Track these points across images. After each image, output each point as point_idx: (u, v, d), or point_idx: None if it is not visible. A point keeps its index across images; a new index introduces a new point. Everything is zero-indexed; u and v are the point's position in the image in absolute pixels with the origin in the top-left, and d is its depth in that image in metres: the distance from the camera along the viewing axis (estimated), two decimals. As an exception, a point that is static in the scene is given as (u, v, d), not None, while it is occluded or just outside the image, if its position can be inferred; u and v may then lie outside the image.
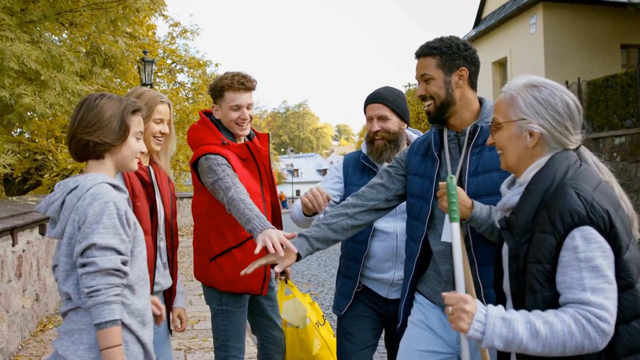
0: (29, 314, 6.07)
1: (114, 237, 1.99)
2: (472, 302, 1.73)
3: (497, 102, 2.02)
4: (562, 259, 1.73)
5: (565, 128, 1.89)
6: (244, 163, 3.20)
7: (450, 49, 2.52)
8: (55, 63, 7.08)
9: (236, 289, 3.17)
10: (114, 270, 1.97)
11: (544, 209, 1.79)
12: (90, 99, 2.16)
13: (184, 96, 18.36)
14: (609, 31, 17.40)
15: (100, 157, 2.17)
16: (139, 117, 2.24)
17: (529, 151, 1.93)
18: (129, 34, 12.37)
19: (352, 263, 3.11)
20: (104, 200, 2.01)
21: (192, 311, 7.23)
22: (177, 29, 18.41)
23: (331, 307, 7.01)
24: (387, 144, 3.06)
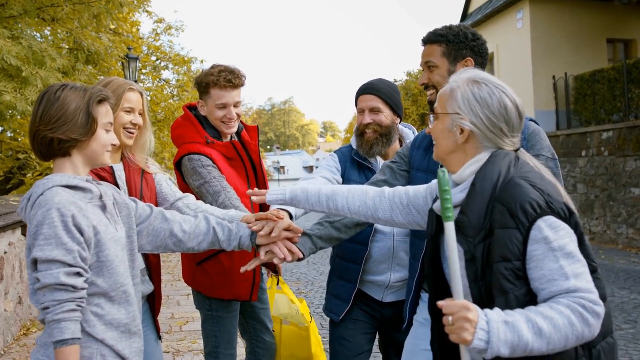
0: (11, 318, 5.90)
1: (56, 247, 1.79)
2: (473, 309, 1.60)
3: (440, 92, 1.97)
4: (534, 253, 1.67)
5: (500, 130, 1.84)
6: (229, 162, 3.05)
7: (457, 38, 2.43)
8: (37, 59, 6.90)
9: (223, 295, 3.04)
10: (57, 285, 1.78)
11: (497, 204, 1.72)
12: (51, 91, 1.96)
13: (169, 93, 18.13)
14: (595, 26, 17.43)
15: (67, 154, 1.98)
16: (107, 106, 2.05)
17: (459, 147, 1.89)
18: (112, 30, 12.18)
19: (350, 265, 2.95)
20: (46, 208, 1.83)
21: (180, 312, 7.09)
22: (161, 25, 18.16)
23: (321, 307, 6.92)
24: (379, 137, 2.91)
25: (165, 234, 2.28)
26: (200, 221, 2.36)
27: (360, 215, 2.29)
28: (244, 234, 2.37)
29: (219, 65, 3.06)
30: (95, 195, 1.99)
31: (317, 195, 2.33)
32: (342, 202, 2.29)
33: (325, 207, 2.33)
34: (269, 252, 2.39)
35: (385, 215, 2.24)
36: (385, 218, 2.24)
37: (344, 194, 2.30)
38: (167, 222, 2.29)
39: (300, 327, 3.35)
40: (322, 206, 2.33)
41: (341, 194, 2.30)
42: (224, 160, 3.01)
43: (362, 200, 2.26)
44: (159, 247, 2.30)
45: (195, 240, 2.32)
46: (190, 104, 3.20)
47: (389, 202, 2.23)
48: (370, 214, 2.26)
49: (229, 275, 2.99)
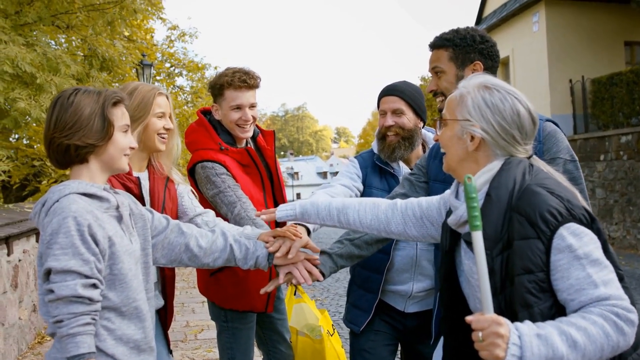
0: (26, 326, 5.86)
1: (73, 258, 1.72)
2: (505, 323, 1.50)
3: (449, 98, 1.88)
4: (558, 263, 1.60)
5: (512, 137, 1.77)
6: (244, 169, 2.96)
7: (464, 41, 2.35)
8: (51, 66, 6.90)
9: (238, 306, 2.96)
10: (74, 297, 1.70)
11: (515, 214, 1.64)
12: (64, 97, 1.88)
13: (183, 100, 18.15)
14: (612, 28, 17.21)
15: (84, 160, 1.90)
16: (122, 108, 1.97)
17: (470, 155, 1.81)
18: (127, 37, 12.21)
19: (371, 274, 2.83)
20: (62, 216, 1.74)
21: (195, 320, 7.02)
22: (175, 32, 18.19)
23: (337, 315, 6.80)
24: (401, 140, 2.80)
25: (181, 248, 2.20)
26: (218, 237, 2.28)
27: (373, 229, 2.21)
28: (261, 253, 2.29)
29: (233, 67, 2.99)
30: (112, 205, 1.92)
31: (328, 209, 2.26)
32: (354, 215, 2.22)
33: (337, 221, 2.26)
34: (288, 273, 2.33)
35: (398, 229, 2.16)
36: (399, 231, 2.17)
37: (355, 208, 2.22)
38: (184, 235, 2.21)
39: (315, 340, 3.25)
40: (333, 220, 2.26)
41: (352, 207, 2.23)
42: (238, 168, 2.93)
43: (374, 213, 2.19)
44: (173, 261, 2.22)
45: (210, 257, 2.25)
46: (204, 109, 3.12)
47: (401, 214, 2.15)
48: (383, 228, 2.19)
49: (244, 286, 2.91)
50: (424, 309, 2.81)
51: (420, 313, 2.83)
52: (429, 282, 2.77)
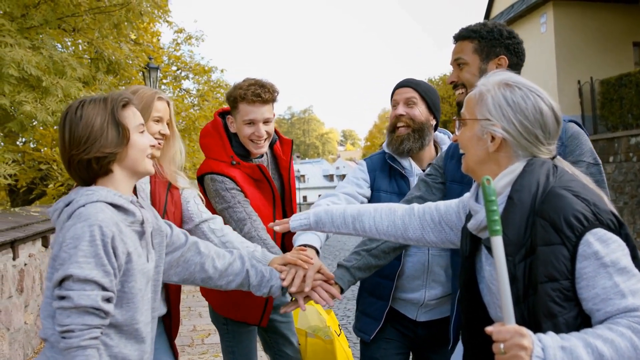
0: (31, 330, 5.82)
1: (96, 268, 1.66)
2: (528, 335, 1.43)
3: (468, 97, 1.80)
4: (584, 270, 1.51)
5: (535, 137, 1.68)
6: (255, 183, 2.88)
7: (491, 34, 2.28)
8: (57, 69, 6.87)
9: (232, 316, 2.93)
10: (92, 308, 1.64)
11: (538, 218, 1.56)
12: (72, 112, 1.83)
13: (189, 103, 18.14)
14: (621, 29, 17.09)
15: (109, 171, 1.84)
16: (132, 109, 1.91)
17: (491, 156, 1.73)
18: (133, 40, 12.20)
19: (382, 280, 2.74)
20: (88, 223, 1.68)
21: (201, 324, 6.97)
22: (181, 35, 18.18)
23: (344, 320, 6.73)
24: (410, 133, 2.71)
25: (196, 268, 2.15)
26: (235, 260, 2.23)
27: (390, 236, 2.14)
28: (275, 284, 2.26)
29: (250, 78, 2.87)
30: (137, 220, 1.86)
31: (343, 217, 2.19)
32: (369, 222, 2.15)
33: (352, 229, 2.19)
34: (306, 297, 2.32)
35: (416, 235, 2.08)
36: (416, 237, 2.09)
37: (370, 214, 2.15)
38: (200, 255, 2.16)
39: (326, 341, 3.21)
40: (349, 228, 2.20)
41: (368, 214, 2.16)
42: (249, 182, 2.86)
43: (390, 220, 2.11)
44: (186, 280, 2.17)
45: (225, 279, 2.20)
46: (222, 110, 3.02)
47: (419, 220, 2.07)
48: (400, 234, 2.11)
49: (238, 299, 2.85)
50: (436, 318, 2.73)
51: (432, 322, 2.75)
52: (441, 289, 2.69)
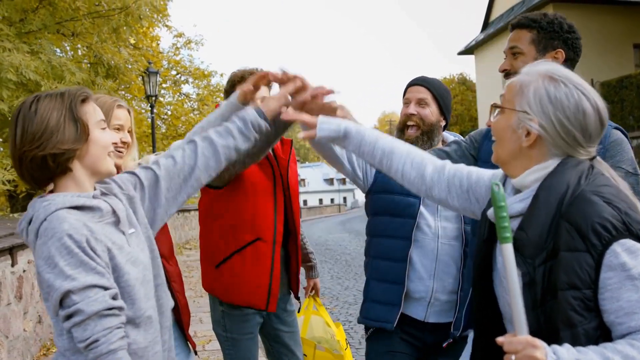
0: (31, 338, 5.76)
1: (88, 273, 1.57)
2: (541, 346, 1.37)
3: (509, 82, 1.68)
4: (608, 282, 1.42)
5: (573, 138, 1.56)
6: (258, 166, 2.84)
7: (551, 26, 2.21)
8: (56, 74, 6.87)
9: (236, 300, 2.84)
10: (106, 310, 1.57)
11: (563, 221, 1.47)
12: (25, 107, 1.70)
13: (189, 107, 18.15)
14: (621, 31, 17.09)
15: (67, 169, 1.70)
16: (92, 104, 1.79)
17: (523, 151, 1.62)
18: (132, 45, 12.18)
19: (393, 264, 2.61)
20: (57, 237, 1.59)
21: (202, 330, 6.91)
22: (181, 39, 18.22)
23: (347, 324, 6.65)
24: (419, 136, 2.65)
25: (189, 173, 1.94)
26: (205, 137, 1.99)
27: (413, 187, 1.98)
28: (249, 117, 2.02)
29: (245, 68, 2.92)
30: (105, 212, 1.76)
31: (373, 146, 2.00)
32: (398, 165, 1.97)
33: (377, 162, 2.02)
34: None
35: (440, 196, 1.93)
36: (440, 198, 1.94)
37: (401, 158, 1.97)
38: (176, 164, 1.94)
39: (335, 355, 3.13)
40: (374, 160, 2.02)
41: (399, 156, 1.98)
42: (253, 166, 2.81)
43: (419, 172, 1.96)
44: (181, 200, 1.98)
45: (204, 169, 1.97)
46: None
47: (447, 182, 1.92)
48: (425, 190, 1.96)
49: (241, 280, 2.80)
50: (444, 321, 2.63)
51: (440, 327, 2.64)
52: (451, 283, 2.59)
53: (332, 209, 65.65)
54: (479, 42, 20.68)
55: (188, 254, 15.37)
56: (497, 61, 15.78)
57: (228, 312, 2.88)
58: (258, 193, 2.77)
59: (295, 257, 3.02)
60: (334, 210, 65.15)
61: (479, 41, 20.44)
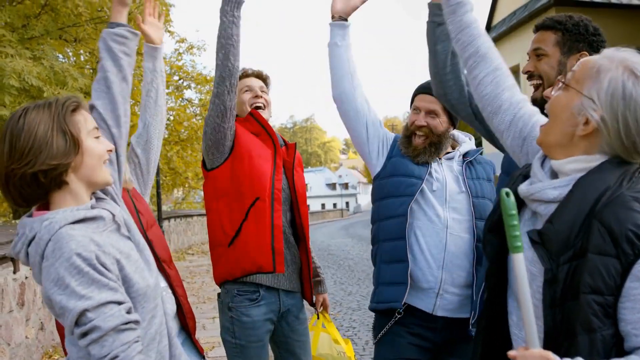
0: (33, 345, 5.73)
1: (101, 290, 1.54)
2: None
3: (586, 61, 1.54)
4: (632, 292, 1.36)
5: (633, 144, 1.45)
6: (256, 137, 2.90)
7: (576, 28, 2.18)
8: (59, 79, 6.86)
9: (248, 267, 2.79)
10: (123, 324, 1.53)
11: (596, 221, 1.39)
12: (13, 120, 1.63)
13: (192, 112, 18.13)
14: (624, 34, 16.99)
15: (63, 183, 1.64)
16: (83, 113, 1.73)
17: (574, 139, 1.50)
18: (135, 50, 12.15)
19: (394, 242, 2.61)
20: (65, 257, 1.54)
21: (205, 336, 6.88)
22: (183, 45, 18.18)
23: (351, 330, 6.63)
24: (427, 147, 2.65)
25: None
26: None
27: (481, 101, 1.89)
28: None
29: None
30: (107, 220, 1.73)
31: (471, 40, 1.91)
32: (480, 73, 1.87)
33: (464, 56, 1.92)
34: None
35: (500, 127, 1.84)
36: (497, 128, 1.85)
37: (488, 69, 1.86)
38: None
39: None
40: (463, 52, 1.93)
41: (487, 65, 1.87)
42: (249, 134, 2.89)
43: (495, 92, 1.84)
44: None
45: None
46: None
47: (512, 117, 1.80)
48: (489, 111, 1.86)
49: (248, 245, 2.79)
50: (456, 317, 2.59)
51: (451, 323, 2.60)
52: (462, 277, 2.56)
53: (335, 213, 65.57)
54: (481, 47, 20.70)
55: (191, 259, 15.34)
56: (500, 65, 15.43)
57: (237, 318, 2.83)
58: (254, 158, 2.79)
59: (307, 263, 2.99)
60: (336, 215, 65.06)
61: (481, 45, 20.47)
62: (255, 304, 2.82)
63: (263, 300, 2.83)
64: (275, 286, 2.85)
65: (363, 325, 7.18)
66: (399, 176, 2.65)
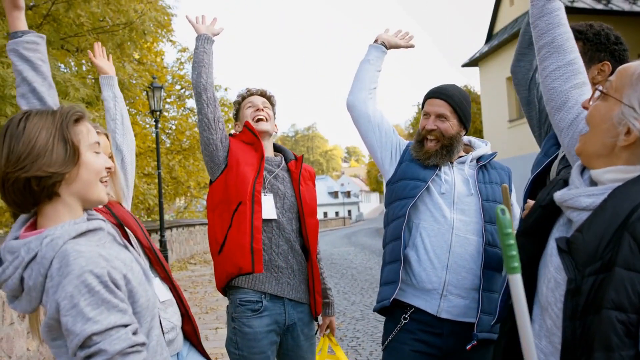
0: (34, 357, 5.68)
1: (111, 313, 1.47)
2: None
3: (625, 68, 1.48)
4: None
5: None
6: (248, 147, 3.00)
7: (597, 37, 2.15)
8: (60, 89, 6.83)
9: (228, 269, 2.83)
10: (130, 347, 1.47)
11: (627, 234, 1.32)
12: (13, 124, 1.56)
13: (193, 122, 18.13)
14: (625, 40, 17.03)
15: (54, 194, 1.55)
16: (86, 124, 1.67)
17: (616, 150, 1.45)
18: (137, 60, 12.18)
19: (393, 243, 2.64)
20: (74, 275, 1.46)
21: (208, 348, 6.79)
22: (185, 54, 18.24)
23: (355, 341, 6.56)
24: (439, 149, 2.67)
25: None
26: None
27: (547, 93, 1.80)
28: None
29: None
30: (105, 229, 1.67)
31: (548, 28, 1.85)
32: (551, 65, 1.81)
33: (538, 44, 1.86)
34: None
35: (560, 124, 1.76)
36: (556, 125, 1.78)
37: (560, 61, 1.80)
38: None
39: None
40: (538, 40, 1.86)
41: (560, 57, 1.80)
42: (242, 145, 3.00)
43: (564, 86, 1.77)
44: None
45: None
46: None
47: (573, 117, 1.74)
48: (552, 105, 1.78)
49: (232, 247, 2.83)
50: (463, 321, 2.55)
51: (457, 329, 2.56)
52: (467, 279, 2.53)
53: (337, 222, 65.49)
54: (483, 54, 20.63)
55: (193, 269, 15.28)
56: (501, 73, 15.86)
57: (239, 329, 2.81)
58: (241, 165, 2.88)
59: (312, 277, 2.97)
60: (338, 223, 64.98)
61: (483, 53, 20.37)
62: (257, 314, 2.80)
63: (266, 311, 2.81)
64: (280, 294, 2.83)
65: (367, 335, 7.11)
66: (406, 180, 2.68)
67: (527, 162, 16.19)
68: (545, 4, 1.86)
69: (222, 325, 7.80)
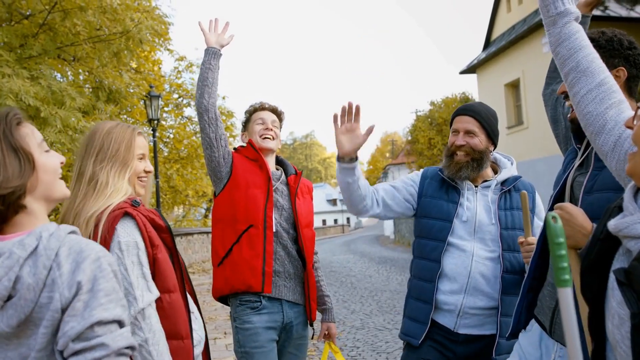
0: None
1: (117, 305, 1.41)
2: None
3: None
4: None
5: None
6: (251, 163, 3.10)
7: (610, 44, 2.10)
8: (57, 99, 6.81)
9: (238, 285, 2.90)
10: (127, 348, 1.40)
11: None
12: None
13: (191, 130, 18.11)
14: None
15: (20, 207, 1.44)
16: (28, 125, 1.56)
17: None
18: (134, 69, 12.16)
19: (425, 284, 2.74)
20: (92, 258, 1.39)
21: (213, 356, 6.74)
22: (182, 62, 18.26)
23: (355, 350, 6.49)
24: (469, 162, 2.75)
25: None
26: None
27: (583, 119, 1.73)
28: None
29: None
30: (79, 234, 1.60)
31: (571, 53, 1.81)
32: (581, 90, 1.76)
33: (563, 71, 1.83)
34: None
35: (604, 147, 1.69)
36: (599, 149, 1.71)
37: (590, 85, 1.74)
38: None
39: None
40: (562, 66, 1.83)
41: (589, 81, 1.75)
42: (245, 161, 3.08)
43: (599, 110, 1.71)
44: None
45: None
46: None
47: (617, 138, 1.66)
48: (591, 130, 1.72)
49: (239, 266, 2.94)
50: (477, 334, 2.67)
51: (472, 340, 2.68)
52: (484, 301, 2.65)
53: (336, 229, 65.46)
54: (480, 61, 20.66)
55: (191, 278, 15.14)
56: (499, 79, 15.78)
57: (240, 326, 2.91)
58: (250, 187, 2.95)
59: (307, 284, 3.07)
60: (337, 230, 64.95)
61: (480, 60, 20.40)
62: (256, 312, 2.91)
63: (265, 309, 2.92)
64: (278, 297, 2.96)
65: (367, 345, 7.04)
66: (431, 219, 2.79)
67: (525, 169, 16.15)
68: (561, 29, 1.83)
69: (220, 335, 7.74)
